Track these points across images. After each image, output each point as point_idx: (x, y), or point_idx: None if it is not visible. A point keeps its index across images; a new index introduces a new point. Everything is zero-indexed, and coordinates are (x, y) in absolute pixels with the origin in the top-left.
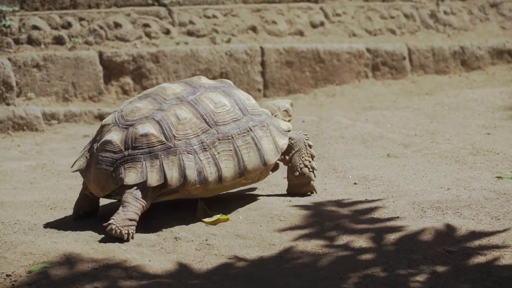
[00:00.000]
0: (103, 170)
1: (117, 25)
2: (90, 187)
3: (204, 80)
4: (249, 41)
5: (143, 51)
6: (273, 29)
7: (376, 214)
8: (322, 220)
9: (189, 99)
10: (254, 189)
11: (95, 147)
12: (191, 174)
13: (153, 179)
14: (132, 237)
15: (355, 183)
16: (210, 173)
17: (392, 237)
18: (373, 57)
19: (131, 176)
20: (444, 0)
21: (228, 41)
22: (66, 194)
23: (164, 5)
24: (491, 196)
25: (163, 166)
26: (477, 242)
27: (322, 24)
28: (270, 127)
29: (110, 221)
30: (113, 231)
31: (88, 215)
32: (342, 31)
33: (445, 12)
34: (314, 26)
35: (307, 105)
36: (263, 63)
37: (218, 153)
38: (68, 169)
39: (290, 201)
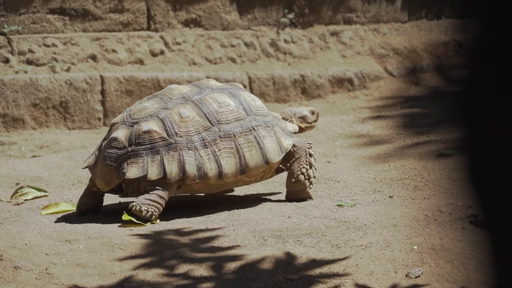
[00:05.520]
0: (108, 166)
1: None
2: (97, 182)
3: (212, 82)
4: (89, 70)
5: None
6: (113, 58)
7: (216, 243)
8: (163, 249)
9: (194, 99)
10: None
11: (103, 144)
12: (191, 169)
13: (153, 173)
14: (156, 219)
15: (195, 211)
16: (210, 169)
17: (233, 265)
18: None
19: (132, 171)
20: (284, 29)
21: (68, 69)
22: None
23: (3, 34)
24: (331, 224)
25: (163, 161)
26: (318, 270)
27: (162, 52)
28: (275, 128)
29: (133, 201)
30: (134, 207)
31: (91, 211)
32: (182, 59)
33: (285, 41)
34: (154, 54)
35: None
36: (103, 92)
37: (219, 150)
38: None
39: (131, 230)
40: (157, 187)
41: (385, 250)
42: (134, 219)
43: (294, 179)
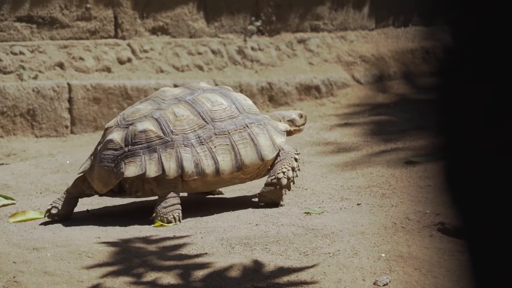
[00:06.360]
0: (105, 167)
1: None
2: (94, 185)
3: (203, 84)
4: (57, 78)
5: None
6: (80, 66)
7: (184, 251)
8: (130, 256)
9: (187, 99)
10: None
11: (98, 148)
12: (188, 166)
13: (152, 171)
14: (179, 220)
15: None
16: (207, 165)
17: (201, 273)
18: None
19: (130, 169)
20: (252, 36)
21: (35, 77)
22: None
23: None
24: (299, 232)
25: (161, 159)
26: (285, 278)
27: (129, 60)
28: (267, 126)
29: (153, 214)
30: (162, 220)
31: (61, 218)
32: (149, 67)
33: (252, 48)
34: (121, 62)
35: None
36: (70, 100)
37: (215, 146)
38: None
39: (99, 237)
40: (167, 190)
41: (353, 257)
42: (163, 223)
43: (273, 177)
